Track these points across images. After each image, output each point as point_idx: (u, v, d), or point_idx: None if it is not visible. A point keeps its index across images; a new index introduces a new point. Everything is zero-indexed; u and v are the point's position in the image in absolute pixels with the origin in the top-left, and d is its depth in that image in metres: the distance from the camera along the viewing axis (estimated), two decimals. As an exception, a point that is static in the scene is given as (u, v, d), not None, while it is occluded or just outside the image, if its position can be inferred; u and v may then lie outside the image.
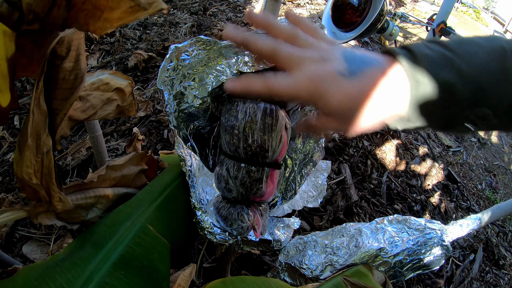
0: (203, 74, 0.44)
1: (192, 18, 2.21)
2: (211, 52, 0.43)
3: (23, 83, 1.54)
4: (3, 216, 0.40)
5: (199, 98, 0.44)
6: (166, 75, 0.44)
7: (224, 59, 0.42)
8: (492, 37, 0.35)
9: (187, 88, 0.44)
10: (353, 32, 0.99)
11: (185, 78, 0.45)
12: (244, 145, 0.42)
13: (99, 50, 1.81)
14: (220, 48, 0.42)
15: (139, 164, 0.56)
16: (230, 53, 0.42)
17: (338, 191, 1.26)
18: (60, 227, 0.96)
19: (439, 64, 0.32)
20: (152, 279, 0.43)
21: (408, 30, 3.71)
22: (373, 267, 0.59)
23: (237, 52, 0.41)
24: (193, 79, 0.44)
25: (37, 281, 0.36)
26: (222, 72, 0.42)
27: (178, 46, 0.43)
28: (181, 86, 0.45)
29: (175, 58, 0.44)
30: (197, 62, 0.44)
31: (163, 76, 0.44)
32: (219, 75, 0.42)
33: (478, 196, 1.67)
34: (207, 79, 0.43)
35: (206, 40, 0.43)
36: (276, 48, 0.34)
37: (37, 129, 0.35)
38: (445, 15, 1.23)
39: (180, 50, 0.44)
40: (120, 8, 0.27)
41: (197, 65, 0.44)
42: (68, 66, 0.37)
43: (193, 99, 0.45)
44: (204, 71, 0.43)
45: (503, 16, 5.62)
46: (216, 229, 0.51)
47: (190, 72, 0.44)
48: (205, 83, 0.43)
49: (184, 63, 0.44)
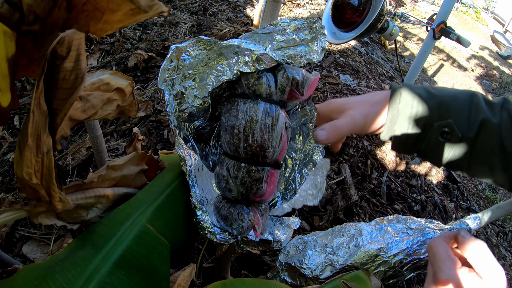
0: (204, 74, 0.44)
1: (192, 18, 2.21)
2: (211, 52, 0.43)
3: (23, 83, 1.54)
4: (3, 216, 0.40)
5: (199, 98, 0.44)
6: (167, 75, 0.44)
7: (224, 59, 0.42)
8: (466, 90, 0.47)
9: (187, 88, 0.45)
10: (353, 32, 0.99)
11: (185, 78, 0.45)
12: (244, 145, 0.42)
13: (99, 50, 1.81)
14: (220, 48, 0.42)
15: (139, 164, 0.56)
16: (230, 53, 0.42)
17: (338, 191, 1.27)
18: (60, 227, 0.96)
19: (417, 87, 0.46)
20: (152, 279, 0.43)
21: (408, 30, 3.71)
22: (371, 273, 0.59)
23: (237, 52, 0.41)
24: (194, 79, 0.44)
25: (37, 281, 0.36)
26: (222, 72, 0.42)
27: (179, 46, 0.43)
28: (181, 86, 0.45)
29: (176, 58, 0.44)
30: (198, 62, 0.44)
31: (163, 76, 0.44)
32: (220, 75, 0.42)
33: (478, 196, 1.67)
34: (207, 79, 0.43)
35: (207, 40, 0.43)
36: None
37: (37, 129, 0.35)
38: (445, 15, 1.23)
39: (181, 50, 0.44)
40: (120, 10, 0.27)
41: (197, 65, 0.44)
42: (68, 66, 0.37)
43: (193, 99, 0.45)
44: (205, 71, 0.44)
45: (503, 16, 5.61)
46: (216, 229, 0.51)
47: (190, 72, 0.44)
48: (206, 83, 0.43)
49: (185, 63, 0.44)
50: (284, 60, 0.42)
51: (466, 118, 0.43)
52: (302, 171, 0.52)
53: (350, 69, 2.05)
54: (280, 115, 0.43)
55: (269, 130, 0.42)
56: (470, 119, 0.43)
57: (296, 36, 0.42)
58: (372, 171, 1.42)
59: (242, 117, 0.42)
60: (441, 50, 3.70)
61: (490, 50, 4.27)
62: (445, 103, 0.44)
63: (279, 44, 0.42)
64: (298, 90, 0.43)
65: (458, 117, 0.43)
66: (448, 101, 0.44)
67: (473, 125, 0.43)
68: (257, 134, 0.41)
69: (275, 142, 0.43)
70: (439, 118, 0.44)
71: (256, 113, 0.41)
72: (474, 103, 0.44)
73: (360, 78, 2.03)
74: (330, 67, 2.00)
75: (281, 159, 0.46)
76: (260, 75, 0.42)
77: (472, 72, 3.58)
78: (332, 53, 2.14)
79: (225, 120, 0.44)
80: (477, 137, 0.43)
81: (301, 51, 0.43)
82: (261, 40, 0.44)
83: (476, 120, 0.43)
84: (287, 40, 0.42)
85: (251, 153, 0.43)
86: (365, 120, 0.48)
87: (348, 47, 2.30)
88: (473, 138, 0.43)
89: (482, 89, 3.34)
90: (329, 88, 1.80)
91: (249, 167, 0.43)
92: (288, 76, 0.42)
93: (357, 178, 1.36)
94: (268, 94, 0.42)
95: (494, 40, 4.61)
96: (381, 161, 1.48)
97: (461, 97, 0.45)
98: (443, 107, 0.44)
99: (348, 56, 2.18)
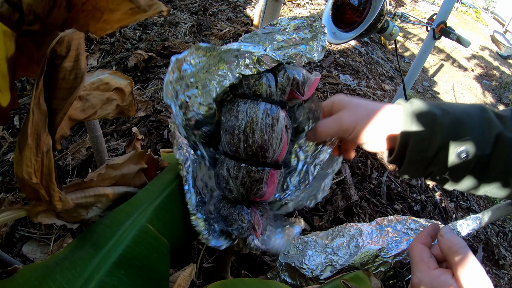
0: (206, 80, 0.44)
1: (192, 18, 2.21)
2: (211, 58, 0.43)
3: (23, 83, 1.54)
4: (3, 215, 0.40)
5: (204, 105, 0.45)
6: (170, 88, 0.45)
7: (225, 64, 0.42)
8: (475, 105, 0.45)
9: (191, 96, 0.45)
10: (353, 32, 0.99)
11: (188, 87, 0.45)
12: (245, 145, 0.42)
13: (99, 50, 1.81)
14: (220, 53, 0.42)
15: (139, 162, 0.56)
16: (230, 57, 0.42)
17: (338, 191, 1.26)
18: (60, 226, 0.96)
19: (428, 103, 0.43)
20: (152, 279, 0.43)
21: (408, 30, 3.71)
22: (371, 273, 0.59)
23: (237, 55, 0.41)
24: (196, 87, 0.44)
25: (37, 281, 0.36)
26: (224, 76, 0.42)
27: (179, 57, 0.43)
28: (185, 95, 0.45)
29: (177, 69, 0.44)
30: (199, 70, 0.44)
31: (168, 90, 0.45)
32: (222, 80, 0.42)
33: (478, 196, 1.67)
34: (210, 85, 0.43)
35: (206, 47, 0.43)
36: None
37: (37, 128, 0.35)
38: (445, 15, 1.23)
39: (181, 60, 0.44)
40: (120, 10, 0.27)
41: (199, 73, 0.44)
42: (68, 65, 0.37)
43: (198, 106, 0.45)
44: (206, 77, 0.44)
45: (503, 16, 5.62)
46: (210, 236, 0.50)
47: (192, 81, 0.44)
48: (209, 89, 0.43)
49: (186, 73, 0.44)
50: (284, 60, 0.42)
51: (481, 135, 0.40)
52: (315, 161, 0.51)
53: (350, 69, 2.05)
54: (281, 115, 0.42)
55: (270, 130, 0.42)
56: (484, 135, 0.40)
57: (296, 35, 0.42)
58: (372, 171, 1.42)
59: (243, 118, 0.42)
60: (441, 50, 3.70)
61: (490, 50, 4.27)
62: (460, 120, 0.41)
63: (279, 44, 0.42)
64: (298, 90, 0.43)
65: (474, 134, 0.40)
66: (463, 117, 0.41)
67: (488, 142, 0.40)
68: (258, 134, 0.41)
69: (276, 143, 0.43)
70: (455, 137, 0.40)
71: (256, 113, 0.41)
72: (486, 118, 0.41)
73: (360, 78, 2.03)
74: (330, 67, 2.00)
75: (281, 159, 0.46)
76: (260, 75, 0.41)
77: (472, 72, 3.58)
78: (332, 53, 2.14)
79: (226, 120, 0.44)
80: (492, 154, 0.40)
81: (301, 50, 0.42)
82: (261, 40, 0.44)
83: (490, 136, 0.40)
84: (287, 40, 0.42)
85: (251, 154, 0.43)
86: (355, 125, 0.44)
87: (348, 47, 2.30)
88: (489, 155, 0.40)
89: (482, 89, 3.34)
90: (329, 88, 1.79)
91: (249, 168, 0.43)
92: (289, 76, 0.42)
93: (357, 178, 1.36)
94: (269, 94, 0.42)
95: (494, 40, 4.61)
96: (381, 161, 1.48)
97: (474, 113, 0.42)
98: (459, 124, 0.41)
99: (348, 56, 2.18)
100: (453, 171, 0.42)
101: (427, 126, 0.41)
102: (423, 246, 0.42)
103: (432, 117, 0.41)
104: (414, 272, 0.40)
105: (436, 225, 0.45)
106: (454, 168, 0.41)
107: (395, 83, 2.33)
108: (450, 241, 0.39)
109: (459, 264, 0.37)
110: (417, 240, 0.44)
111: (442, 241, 0.40)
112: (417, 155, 0.42)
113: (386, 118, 0.44)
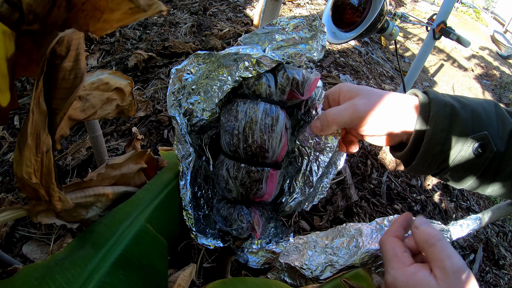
0: (207, 86, 0.45)
1: (192, 18, 2.21)
2: (210, 64, 0.44)
3: (23, 83, 1.54)
4: (3, 215, 0.40)
5: (207, 111, 0.46)
6: (173, 98, 0.45)
7: (225, 68, 0.43)
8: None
9: (194, 103, 0.46)
10: (353, 32, 0.99)
11: (190, 95, 0.46)
12: (244, 146, 0.42)
13: (99, 50, 1.81)
14: (219, 59, 0.43)
15: (138, 162, 0.56)
16: (229, 61, 0.42)
17: (338, 191, 1.26)
18: (60, 226, 0.96)
19: (444, 95, 0.41)
20: (151, 278, 0.43)
21: (408, 30, 3.71)
22: (372, 271, 0.59)
23: (236, 59, 0.42)
24: (198, 93, 0.45)
25: (37, 281, 0.36)
26: (224, 81, 0.43)
27: (178, 67, 0.44)
28: (187, 103, 0.46)
29: (178, 79, 0.45)
30: (199, 77, 0.45)
31: (171, 101, 0.45)
32: (223, 84, 0.43)
33: (478, 196, 1.67)
34: (211, 91, 0.44)
35: (204, 54, 0.44)
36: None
37: (37, 128, 0.35)
38: (445, 15, 1.23)
39: (181, 70, 0.44)
40: (120, 10, 0.27)
41: (199, 79, 0.45)
42: (67, 65, 0.37)
43: (202, 112, 0.46)
44: (208, 83, 0.44)
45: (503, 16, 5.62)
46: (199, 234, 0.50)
47: (194, 88, 0.45)
48: (211, 95, 0.44)
49: (188, 82, 0.45)
50: (284, 60, 0.42)
51: (496, 130, 0.38)
52: (318, 159, 0.50)
53: (350, 69, 2.05)
54: (280, 115, 0.42)
55: (269, 130, 0.42)
56: (499, 131, 0.38)
57: (296, 34, 0.42)
58: (372, 171, 1.42)
59: (242, 118, 0.42)
60: (441, 50, 3.70)
61: (490, 50, 4.27)
62: (478, 114, 0.39)
63: (279, 44, 0.42)
64: (298, 90, 0.43)
65: (491, 129, 0.38)
66: (480, 111, 0.39)
67: (503, 138, 0.38)
68: (257, 134, 0.41)
69: (275, 143, 0.43)
70: (473, 131, 0.38)
71: (256, 113, 0.41)
72: (499, 114, 0.39)
73: (360, 78, 2.03)
74: (330, 67, 2.00)
75: (281, 159, 0.46)
76: (260, 75, 0.41)
77: (472, 72, 3.58)
78: (332, 53, 2.14)
79: (225, 120, 0.44)
80: (505, 151, 0.38)
81: (301, 49, 0.42)
82: (260, 40, 0.44)
83: (505, 132, 0.38)
84: (287, 39, 0.42)
85: (250, 154, 0.43)
86: (370, 113, 0.40)
87: (348, 47, 2.30)
88: (503, 152, 0.38)
89: (482, 89, 3.34)
90: (329, 88, 1.79)
91: (249, 168, 0.43)
92: (288, 76, 0.42)
93: (357, 178, 1.36)
94: (268, 94, 0.42)
95: (494, 40, 4.61)
96: (381, 161, 1.48)
97: (488, 108, 0.40)
98: (476, 118, 0.38)
99: (348, 56, 2.18)
100: (467, 168, 0.39)
101: (445, 117, 0.38)
102: (396, 240, 0.38)
103: (451, 109, 0.38)
104: (387, 269, 0.36)
105: (409, 215, 0.41)
106: (468, 164, 0.39)
107: (395, 83, 2.33)
108: (425, 233, 0.35)
109: (437, 258, 0.33)
110: (389, 233, 0.40)
111: (417, 233, 0.36)
112: (434, 148, 0.39)
113: (402, 107, 0.40)
